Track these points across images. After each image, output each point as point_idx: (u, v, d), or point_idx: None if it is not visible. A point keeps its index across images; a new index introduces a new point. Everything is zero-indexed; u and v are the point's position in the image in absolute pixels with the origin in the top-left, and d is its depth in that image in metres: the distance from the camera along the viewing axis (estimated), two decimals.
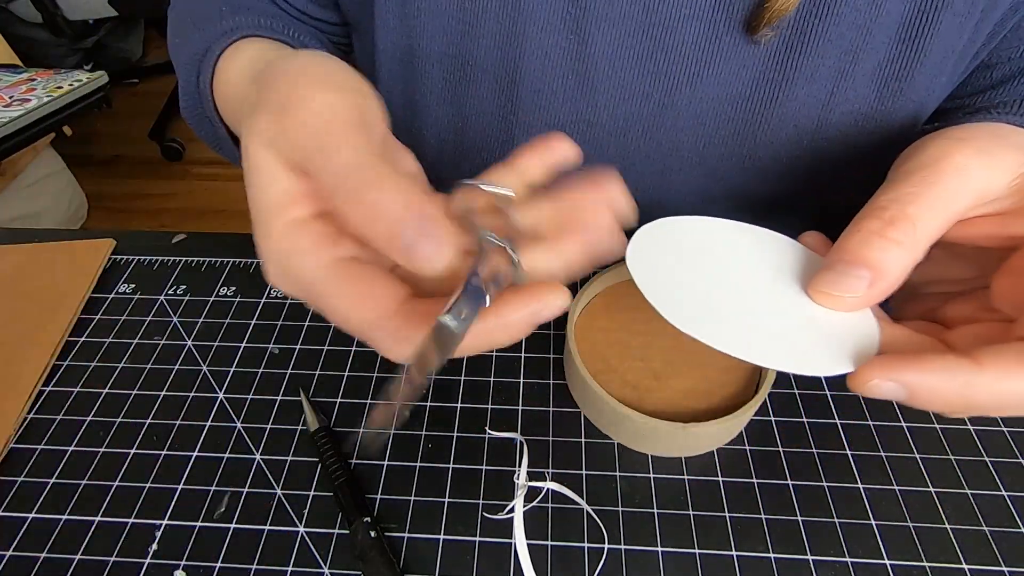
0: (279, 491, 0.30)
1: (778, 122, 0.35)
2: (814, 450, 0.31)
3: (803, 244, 0.26)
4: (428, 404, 0.34)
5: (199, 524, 0.29)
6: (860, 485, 0.30)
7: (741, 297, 0.24)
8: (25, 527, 0.29)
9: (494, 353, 0.36)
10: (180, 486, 0.31)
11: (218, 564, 0.28)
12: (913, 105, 0.34)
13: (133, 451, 0.32)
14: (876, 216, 0.22)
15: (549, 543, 0.28)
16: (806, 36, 0.32)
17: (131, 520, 0.30)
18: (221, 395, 0.34)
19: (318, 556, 0.28)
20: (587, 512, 0.29)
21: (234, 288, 0.40)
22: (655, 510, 0.29)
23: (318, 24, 0.43)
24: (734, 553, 0.28)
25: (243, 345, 0.37)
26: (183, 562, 0.28)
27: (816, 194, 0.39)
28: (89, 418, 0.34)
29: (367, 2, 0.37)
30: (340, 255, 0.19)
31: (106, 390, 0.35)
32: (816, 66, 0.33)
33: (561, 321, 0.37)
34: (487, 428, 0.32)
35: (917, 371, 0.19)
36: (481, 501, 0.30)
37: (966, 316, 0.24)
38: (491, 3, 0.34)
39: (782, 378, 0.34)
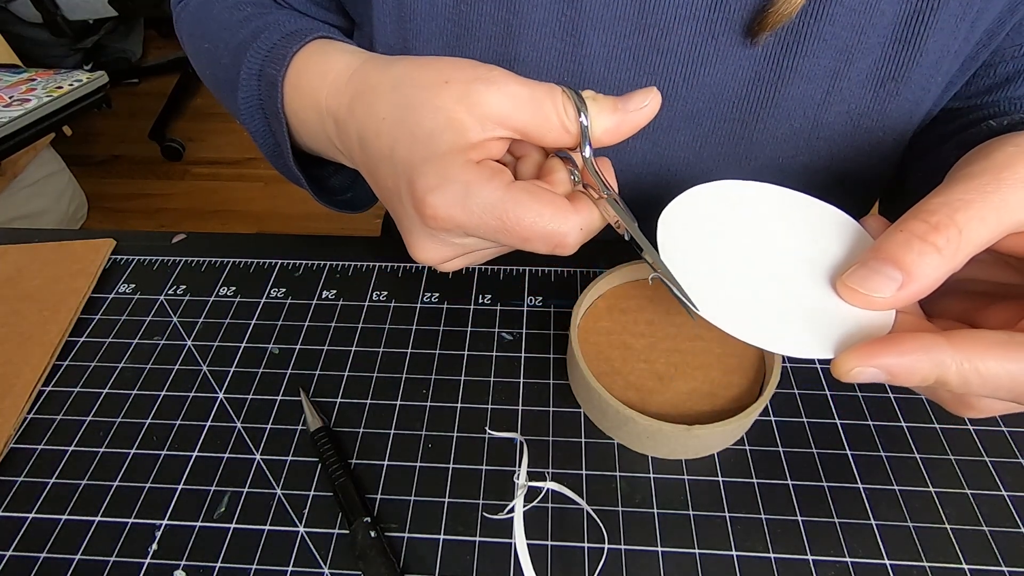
0: (279, 491, 0.30)
1: (774, 122, 0.36)
2: (814, 450, 0.31)
3: (864, 227, 0.26)
4: (428, 404, 0.34)
5: (199, 524, 0.29)
6: (860, 485, 0.30)
7: (764, 274, 0.24)
8: (25, 527, 0.29)
9: (494, 353, 0.36)
10: (180, 486, 0.31)
11: (218, 564, 0.28)
12: (909, 105, 0.34)
13: (133, 451, 0.32)
14: (922, 219, 0.21)
15: (549, 543, 0.28)
16: (801, 36, 0.32)
17: (131, 520, 0.30)
18: (221, 395, 0.34)
19: (318, 556, 0.28)
20: (587, 512, 0.29)
21: (234, 288, 0.40)
22: (655, 510, 0.29)
23: (328, 29, 0.43)
24: (734, 553, 0.28)
25: (243, 345, 0.37)
26: (183, 562, 0.28)
27: (813, 193, 0.40)
28: (89, 418, 0.34)
29: (367, 3, 0.37)
30: (507, 181, 0.23)
31: (106, 390, 0.35)
32: (811, 66, 0.33)
33: (562, 322, 0.37)
34: (487, 428, 0.32)
35: (894, 354, 0.20)
36: (481, 501, 0.30)
37: (1004, 323, 0.24)
38: (486, 6, 0.34)
39: (783, 378, 0.34)
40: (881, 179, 0.40)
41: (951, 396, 0.24)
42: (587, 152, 0.24)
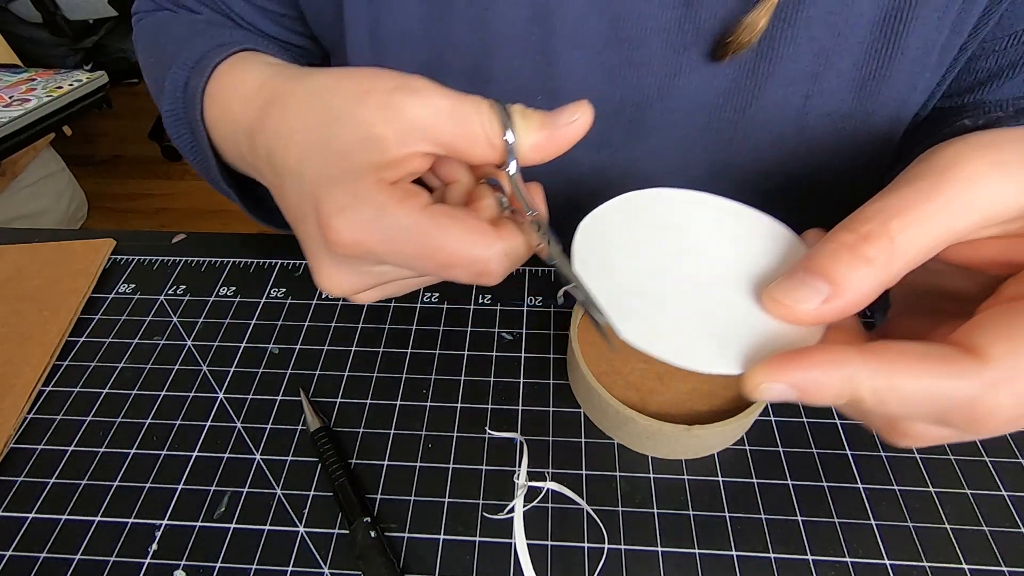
0: (279, 491, 0.30)
1: (754, 128, 0.35)
2: (814, 450, 0.31)
3: (804, 241, 0.24)
4: (428, 404, 0.34)
5: (199, 524, 0.29)
6: (860, 485, 0.30)
7: (686, 287, 0.23)
8: (25, 527, 0.29)
9: (494, 353, 0.36)
10: (180, 486, 0.31)
11: (218, 564, 0.28)
12: (894, 103, 0.33)
13: (133, 451, 0.32)
14: (854, 228, 0.19)
15: (549, 543, 0.28)
16: (776, 42, 0.31)
17: (131, 520, 0.30)
18: (221, 395, 0.34)
19: (318, 556, 0.28)
20: (587, 512, 0.29)
21: (234, 288, 0.40)
22: (655, 510, 0.29)
23: (296, 51, 0.43)
24: (734, 553, 0.28)
25: (243, 345, 0.37)
26: (183, 562, 0.28)
27: (800, 196, 0.39)
28: (89, 418, 0.34)
29: (339, 29, 0.37)
30: (424, 203, 0.22)
31: (106, 390, 0.35)
32: (788, 70, 0.32)
33: (562, 322, 0.37)
34: (487, 428, 0.32)
35: (802, 368, 0.18)
36: (481, 501, 0.30)
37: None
38: (457, 31, 0.34)
39: None
40: (869, 183, 0.39)
41: (882, 420, 0.22)
42: (512, 169, 0.23)
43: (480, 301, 0.39)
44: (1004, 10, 0.30)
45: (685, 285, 0.23)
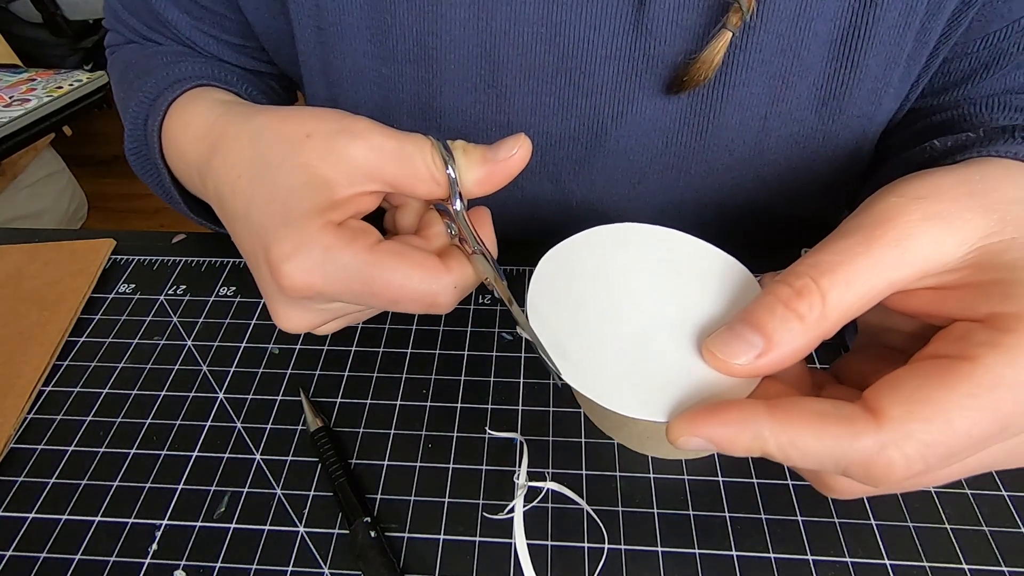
0: (279, 491, 0.30)
1: (711, 152, 0.35)
2: None
3: (761, 283, 0.24)
4: (428, 404, 0.34)
5: (199, 524, 0.29)
6: None
7: (635, 332, 0.23)
8: (25, 527, 0.29)
9: (494, 353, 0.36)
10: (180, 486, 0.31)
11: (218, 564, 0.28)
12: (858, 121, 0.33)
13: (133, 451, 0.32)
14: (789, 282, 0.19)
15: (549, 543, 0.28)
16: (730, 67, 0.31)
17: (131, 520, 0.30)
18: (221, 395, 0.34)
19: (318, 556, 0.28)
20: (587, 512, 0.29)
21: (234, 288, 0.40)
22: (655, 510, 0.29)
23: (265, 76, 0.44)
24: (734, 553, 0.28)
25: (243, 345, 0.37)
26: (183, 562, 0.28)
27: (763, 217, 0.39)
28: (89, 418, 0.34)
29: (297, 65, 0.37)
30: (371, 242, 0.22)
31: (106, 390, 0.35)
32: (743, 94, 0.32)
33: None
34: (487, 428, 0.32)
35: (714, 424, 0.18)
36: (481, 501, 0.30)
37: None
38: (406, 69, 0.34)
39: None
40: (835, 203, 0.39)
41: (805, 472, 0.22)
42: (457, 205, 0.23)
43: (480, 301, 0.39)
44: (975, 14, 0.30)
45: (633, 328, 0.23)
